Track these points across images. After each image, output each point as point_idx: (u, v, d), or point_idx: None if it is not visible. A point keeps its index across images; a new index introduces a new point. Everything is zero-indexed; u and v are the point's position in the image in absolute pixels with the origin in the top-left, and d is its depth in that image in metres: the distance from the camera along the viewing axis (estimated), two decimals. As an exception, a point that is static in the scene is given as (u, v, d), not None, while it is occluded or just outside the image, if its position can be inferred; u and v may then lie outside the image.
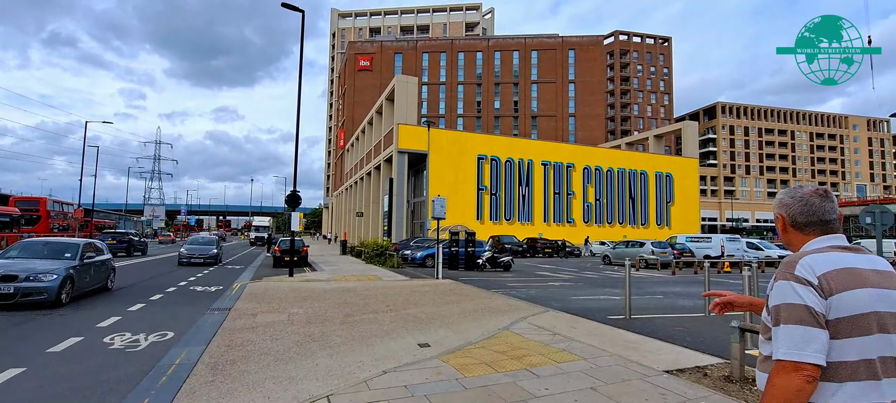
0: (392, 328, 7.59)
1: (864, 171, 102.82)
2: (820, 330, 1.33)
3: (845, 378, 1.34)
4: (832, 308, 1.35)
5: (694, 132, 55.09)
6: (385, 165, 39.41)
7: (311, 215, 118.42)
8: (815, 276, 1.38)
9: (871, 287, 1.38)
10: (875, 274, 1.41)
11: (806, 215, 1.56)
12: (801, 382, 1.30)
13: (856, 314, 1.35)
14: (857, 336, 1.34)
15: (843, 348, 1.35)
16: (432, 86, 77.70)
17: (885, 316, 1.36)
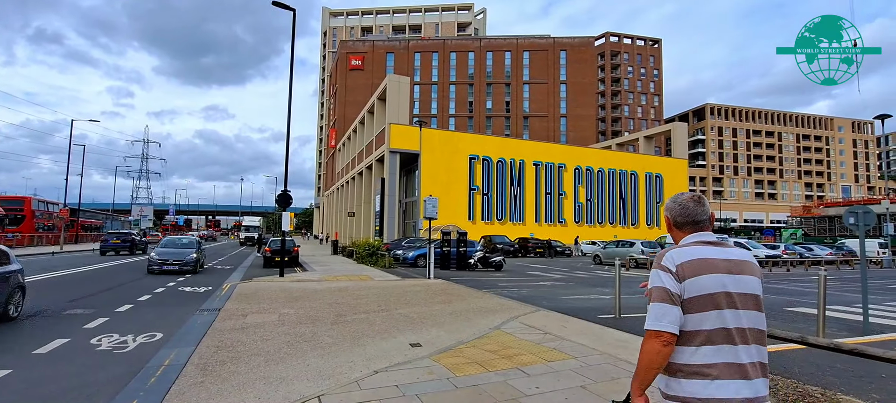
0: (384, 328, 7.59)
1: (849, 172, 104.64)
2: (674, 306, 1.72)
3: (701, 344, 1.72)
4: (686, 290, 1.74)
5: (683, 133, 55.67)
6: (377, 165, 39.32)
7: (302, 215, 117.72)
8: (675, 266, 1.78)
9: (720, 273, 1.75)
10: (726, 263, 1.78)
11: (683, 216, 1.95)
12: (659, 346, 1.70)
13: (704, 294, 1.73)
14: (706, 311, 1.72)
15: (698, 320, 1.72)
16: (424, 86, 77.69)
17: (735, 295, 1.74)
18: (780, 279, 19.43)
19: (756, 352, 1.75)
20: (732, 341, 1.72)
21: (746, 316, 1.76)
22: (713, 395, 1.68)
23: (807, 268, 26.04)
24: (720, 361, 1.70)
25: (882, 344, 7.18)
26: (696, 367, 1.71)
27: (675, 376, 1.76)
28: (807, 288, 15.70)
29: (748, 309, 1.77)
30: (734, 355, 1.71)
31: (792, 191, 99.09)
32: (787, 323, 9.06)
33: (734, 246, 1.88)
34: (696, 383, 1.71)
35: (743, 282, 1.78)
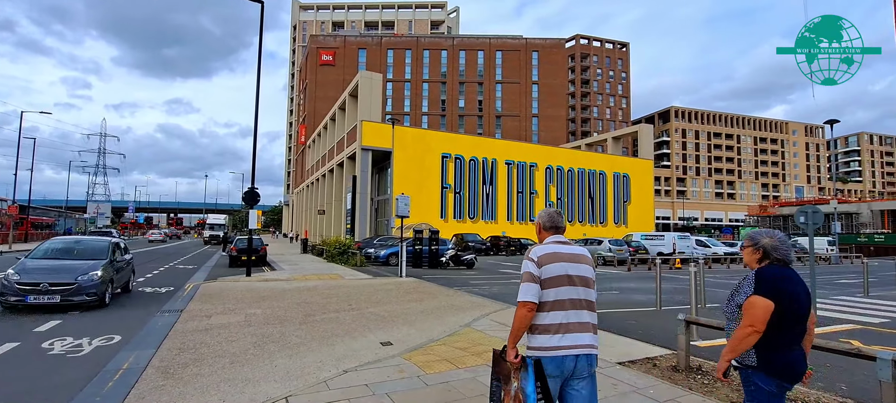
0: (354, 327, 7.53)
1: (802, 174, 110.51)
2: (535, 285, 2.50)
3: (549, 309, 2.50)
4: (543, 273, 2.52)
5: (649, 135, 57.45)
6: (348, 162, 38.85)
7: (270, 213, 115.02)
8: (537, 257, 2.56)
9: (565, 262, 2.56)
10: (569, 255, 2.60)
11: (549, 224, 2.76)
12: (525, 312, 2.48)
13: (554, 276, 2.51)
14: (555, 287, 2.51)
15: (548, 294, 2.50)
16: (397, 84, 77.22)
17: (574, 277, 2.55)
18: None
19: (588, 316, 2.57)
20: (570, 308, 2.53)
21: (581, 291, 2.57)
22: (556, 344, 2.48)
23: (762, 265, 27.32)
24: (562, 322, 2.50)
25: (828, 336, 7.65)
26: (545, 326, 2.51)
27: (533, 333, 2.55)
28: (761, 283, 16.47)
29: (583, 286, 2.58)
30: (571, 317, 2.52)
31: (749, 191, 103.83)
32: (742, 317, 9.51)
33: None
34: (544, 337, 2.51)
35: (580, 269, 2.60)
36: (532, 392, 2.39)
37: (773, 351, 2.49)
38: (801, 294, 2.54)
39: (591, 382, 2.56)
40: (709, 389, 4.67)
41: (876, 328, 8.54)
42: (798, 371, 2.54)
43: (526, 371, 2.45)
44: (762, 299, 2.45)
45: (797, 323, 2.53)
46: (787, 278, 2.53)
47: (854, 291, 14.25)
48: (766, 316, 2.42)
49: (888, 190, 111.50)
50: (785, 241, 2.66)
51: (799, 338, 2.58)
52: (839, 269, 25.50)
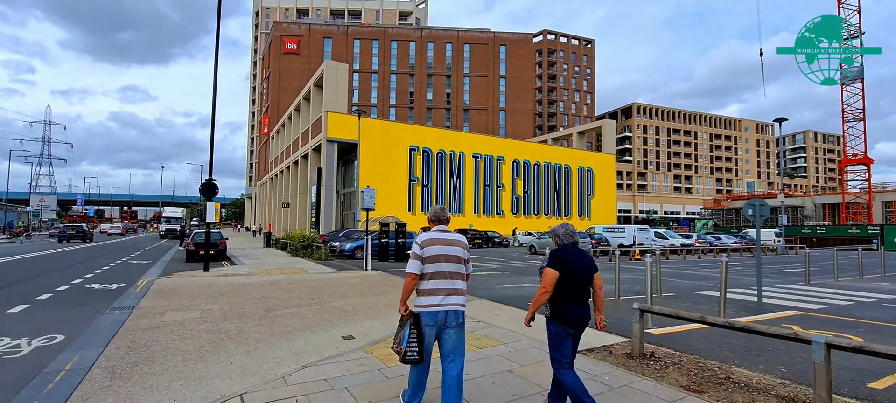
0: (316, 321, 7.40)
1: (753, 169, 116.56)
2: (418, 261, 3.47)
3: (429, 279, 3.49)
4: (424, 253, 3.48)
5: (612, 130, 59.06)
6: (313, 154, 38.03)
7: (232, 205, 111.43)
8: (421, 241, 3.52)
9: (440, 244, 3.53)
10: (445, 240, 3.57)
11: (435, 217, 3.74)
12: (410, 280, 3.47)
13: (433, 255, 3.49)
14: (432, 264, 3.48)
15: (428, 267, 3.48)
16: (364, 74, 76.06)
17: (450, 256, 3.54)
18: (692, 265, 21.29)
19: (459, 283, 3.60)
20: (444, 278, 3.52)
21: (454, 266, 3.57)
22: (432, 303, 3.48)
23: (716, 256, 28.73)
24: (438, 287, 3.50)
25: (771, 322, 8.12)
26: (425, 291, 3.52)
27: (419, 295, 3.55)
28: (714, 273, 17.32)
29: (454, 263, 3.58)
30: (445, 285, 3.52)
31: (705, 186, 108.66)
32: (695, 305, 9.95)
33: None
34: (425, 298, 3.51)
35: (453, 250, 3.59)
36: (406, 337, 3.47)
37: (559, 306, 3.62)
38: (581, 266, 3.63)
39: (458, 330, 3.59)
40: (661, 374, 4.86)
41: (815, 313, 9.12)
42: (578, 320, 3.62)
43: (410, 322, 3.49)
44: (550, 269, 3.57)
45: (577, 286, 3.61)
46: (569, 255, 3.64)
47: (797, 280, 15.17)
48: (553, 281, 3.54)
49: (829, 185, 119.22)
50: (570, 232, 3.81)
51: (581, 298, 3.64)
52: (785, 259, 27.09)
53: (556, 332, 3.63)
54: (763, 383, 4.63)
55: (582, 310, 3.61)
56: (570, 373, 3.60)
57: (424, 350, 3.48)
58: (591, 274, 3.68)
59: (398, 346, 3.54)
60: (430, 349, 3.55)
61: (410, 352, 3.45)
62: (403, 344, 3.47)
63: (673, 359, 5.36)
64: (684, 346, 6.17)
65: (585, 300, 3.64)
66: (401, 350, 3.50)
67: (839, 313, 9.19)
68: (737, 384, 4.59)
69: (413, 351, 3.45)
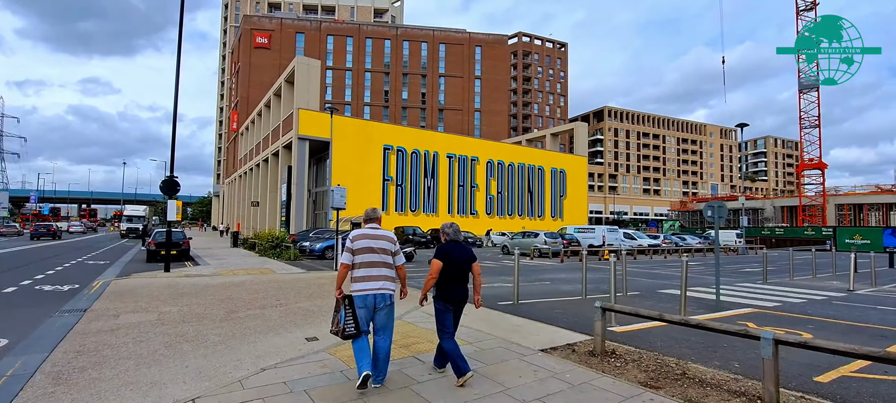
0: (280, 323, 7.23)
1: (718, 172, 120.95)
2: (349, 253, 4.27)
3: (360, 268, 4.25)
4: (354, 247, 4.25)
5: (584, 133, 60.21)
6: (284, 152, 37.25)
7: (198, 204, 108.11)
8: (352, 237, 4.31)
9: (368, 239, 4.28)
10: (373, 235, 4.31)
11: (365, 217, 4.51)
12: (343, 270, 4.30)
13: (362, 248, 4.25)
14: (362, 255, 4.25)
15: (358, 258, 4.25)
16: (337, 72, 75.08)
17: (375, 249, 4.27)
18: (658, 265, 21.90)
19: (385, 271, 4.31)
20: (372, 266, 4.25)
21: (380, 257, 4.28)
22: (363, 288, 4.21)
23: (681, 256, 29.66)
24: (367, 275, 4.23)
25: (727, 319, 8.42)
26: (357, 278, 4.25)
27: (352, 282, 4.26)
28: (679, 272, 17.85)
29: (381, 254, 4.29)
30: (373, 272, 4.25)
31: (672, 188, 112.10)
32: (658, 303, 10.23)
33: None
34: (357, 284, 4.23)
35: (378, 243, 4.31)
36: (343, 317, 4.16)
37: (443, 288, 4.50)
38: (460, 257, 4.55)
39: (387, 310, 4.32)
40: (620, 371, 4.95)
41: (770, 311, 9.51)
42: (457, 299, 4.53)
43: (345, 304, 4.18)
44: (436, 260, 4.48)
45: (457, 273, 4.52)
46: (451, 249, 4.55)
47: (755, 279, 15.81)
48: (438, 270, 4.45)
49: (788, 188, 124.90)
50: (455, 230, 4.77)
51: (461, 282, 4.56)
52: (745, 259, 28.19)
53: (440, 308, 4.52)
54: (717, 378, 4.79)
55: (461, 291, 4.56)
56: (450, 342, 4.51)
57: (360, 326, 4.19)
58: (469, 263, 4.62)
59: (337, 326, 4.18)
60: (367, 325, 4.27)
61: (348, 328, 4.13)
62: (342, 323, 4.13)
63: (633, 356, 5.47)
64: (645, 343, 6.32)
65: (464, 283, 4.60)
66: (340, 328, 4.13)
67: (792, 310, 9.62)
68: (692, 379, 4.72)
69: (350, 327, 4.14)
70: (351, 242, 4.26)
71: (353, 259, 4.24)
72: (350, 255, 4.25)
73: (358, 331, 4.16)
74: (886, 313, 9.44)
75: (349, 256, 4.25)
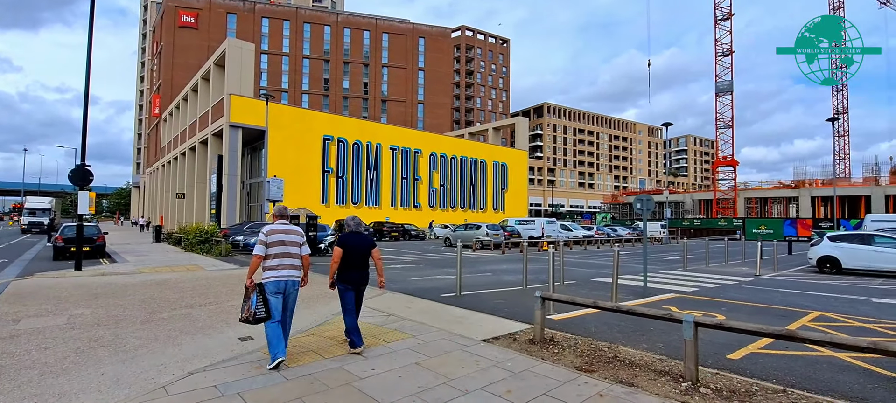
0: (210, 323, 6.78)
1: (645, 168, 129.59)
2: (263, 246, 4.74)
3: (273, 258, 4.75)
4: (268, 240, 4.74)
5: (525, 127, 61.94)
6: (214, 140, 34.98)
7: (116, 196, 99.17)
8: (266, 231, 4.83)
9: (280, 233, 4.82)
10: (284, 230, 4.87)
11: (278, 212, 5.10)
12: (256, 259, 4.74)
13: (274, 241, 4.76)
14: (274, 248, 4.75)
15: (271, 250, 4.74)
16: (273, 57, 71.59)
17: (286, 241, 4.83)
18: (592, 255, 23.09)
19: (295, 261, 4.86)
20: (283, 257, 4.76)
21: (290, 248, 4.83)
22: (275, 275, 4.71)
23: (612, 246, 31.48)
24: (278, 264, 4.74)
25: (654, 304, 9.04)
26: (269, 267, 4.72)
27: (265, 271, 4.72)
28: (610, 261, 18.93)
29: (291, 247, 4.83)
30: (285, 262, 4.77)
31: (605, 182, 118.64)
32: (592, 291, 10.78)
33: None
34: (269, 272, 4.71)
35: (289, 237, 4.86)
36: (254, 302, 4.56)
37: (343, 272, 5.19)
38: (358, 245, 5.25)
39: (295, 294, 4.98)
40: (558, 357, 5.15)
41: (690, 295, 10.34)
42: (355, 281, 5.24)
43: (256, 291, 4.59)
44: (337, 248, 5.21)
45: (356, 259, 5.22)
46: (350, 239, 5.26)
47: (677, 266, 17.13)
48: (339, 257, 5.15)
49: (705, 183, 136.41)
50: (357, 223, 5.47)
51: (359, 267, 5.25)
52: (668, 248, 30.47)
53: (342, 289, 5.23)
54: (644, 359, 5.11)
55: (359, 275, 5.26)
56: (350, 318, 5.24)
57: (271, 310, 4.64)
58: (369, 250, 5.31)
59: (248, 312, 4.55)
60: (278, 309, 4.71)
61: (259, 312, 4.56)
62: (253, 308, 4.53)
63: (570, 342, 5.71)
64: (581, 329, 6.63)
65: (364, 268, 5.31)
66: (251, 313, 4.53)
67: (708, 294, 10.52)
68: (623, 362, 5.01)
69: (261, 312, 4.57)
70: (265, 236, 4.75)
71: (266, 251, 4.72)
72: (264, 247, 4.72)
73: (268, 315, 4.61)
74: (787, 295, 10.59)
75: (263, 248, 4.71)
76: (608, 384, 4.35)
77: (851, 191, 53.07)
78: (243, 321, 4.58)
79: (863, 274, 14.35)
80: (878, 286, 12.10)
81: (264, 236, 4.75)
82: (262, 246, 4.70)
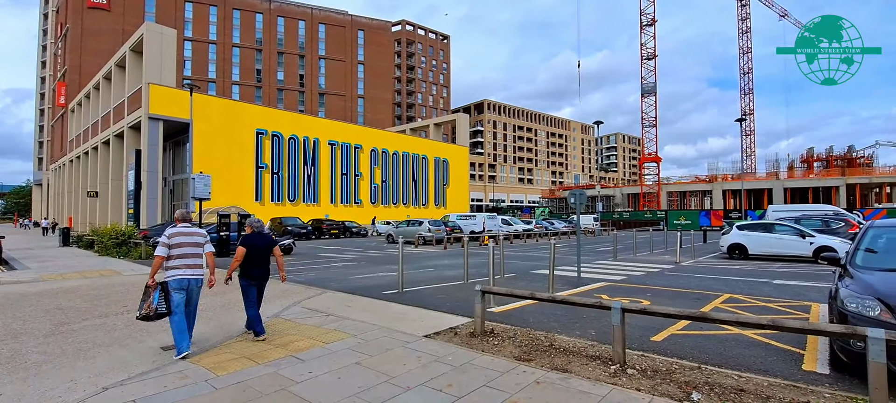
0: (128, 333, 6.22)
1: (579, 164, 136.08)
2: (165, 247, 5.03)
3: (175, 259, 5.06)
4: (170, 241, 5.05)
5: (466, 124, 62.75)
6: (131, 132, 32.13)
7: (14, 195, 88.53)
8: (168, 233, 5.15)
9: (182, 235, 5.18)
10: (186, 232, 5.22)
11: (180, 216, 5.47)
12: (159, 259, 5.03)
13: (176, 242, 5.08)
14: (176, 248, 5.07)
15: (173, 251, 5.04)
16: (199, 44, 67.00)
17: (188, 243, 5.15)
18: (531, 248, 23.88)
19: (198, 260, 5.19)
20: (185, 256, 5.08)
21: (192, 249, 5.15)
22: (178, 274, 5.02)
23: (550, 239, 32.76)
24: (180, 264, 5.05)
25: (587, 293, 9.52)
26: (172, 266, 5.04)
27: (168, 270, 5.04)
28: (548, 254, 19.68)
29: (192, 247, 5.15)
30: (187, 261, 5.09)
31: (543, 177, 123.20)
32: (530, 283, 11.15)
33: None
34: (171, 271, 5.03)
35: (191, 239, 5.18)
36: (156, 299, 4.89)
37: (246, 269, 5.62)
38: (260, 244, 5.71)
39: (198, 290, 5.25)
40: (498, 349, 5.27)
41: (618, 283, 11.00)
42: (257, 277, 5.70)
43: (158, 289, 4.93)
44: (240, 247, 5.61)
45: (258, 258, 5.68)
46: (253, 238, 5.70)
47: (608, 256, 18.16)
48: (242, 255, 5.56)
49: (632, 178, 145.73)
50: (260, 225, 5.90)
51: (261, 264, 5.71)
52: (601, 240, 32.23)
53: (245, 284, 5.66)
54: (578, 346, 5.37)
55: (260, 271, 5.74)
56: (253, 310, 5.73)
57: (173, 306, 4.96)
58: (270, 249, 5.82)
59: (148, 308, 4.86)
60: (181, 306, 5.02)
61: (161, 309, 4.91)
62: (154, 305, 4.86)
63: (509, 334, 5.86)
64: (520, 321, 6.83)
65: (265, 265, 5.80)
66: (152, 309, 4.86)
67: (635, 282, 11.25)
68: (558, 349, 5.22)
69: (163, 308, 4.91)
70: (167, 238, 5.05)
71: (168, 251, 5.02)
72: (166, 249, 5.01)
73: (169, 311, 4.95)
74: (702, 279, 11.58)
75: (165, 249, 5.00)
76: (545, 371, 4.51)
77: (756, 184, 59.08)
78: (142, 318, 4.87)
79: (766, 259, 16.04)
80: (778, 269, 13.57)
81: (166, 238, 5.04)
82: (164, 247, 5.00)
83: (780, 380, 4.30)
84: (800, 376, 4.55)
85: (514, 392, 4.00)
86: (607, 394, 3.94)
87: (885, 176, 54.03)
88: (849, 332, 3.73)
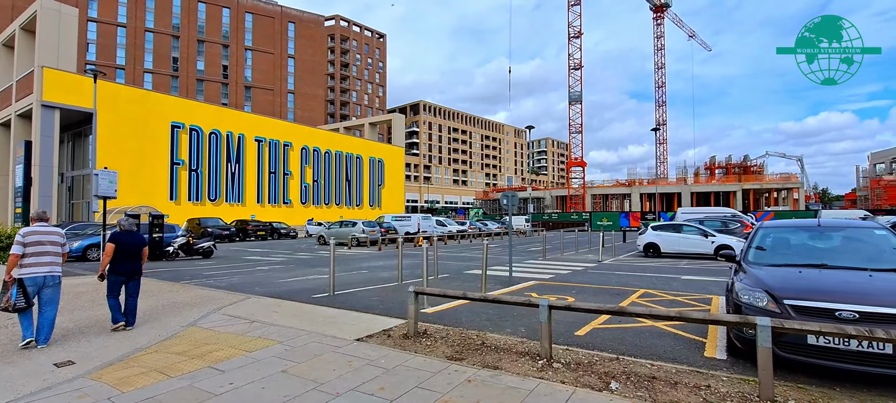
0: (13, 347, 5.45)
1: (512, 167, 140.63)
2: (20, 246, 5.30)
3: (31, 256, 5.33)
4: (25, 240, 5.34)
5: (401, 124, 62.44)
6: (19, 121, 28.35)
7: None
8: (23, 232, 5.41)
9: (38, 234, 5.44)
10: (43, 231, 5.50)
11: (36, 216, 5.76)
12: (14, 258, 5.24)
13: (32, 241, 5.38)
14: (32, 247, 5.36)
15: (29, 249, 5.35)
16: (105, 27, 60.73)
17: (45, 241, 5.45)
18: (465, 248, 24.25)
19: (53, 259, 5.49)
20: (41, 255, 5.38)
21: (49, 247, 5.47)
22: (32, 272, 5.31)
23: (483, 239, 33.50)
24: (36, 261, 5.34)
25: (517, 292, 9.83)
26: (27, 264, 5.29)
27: (21, 267, 5.28)
28: (481, 254, 20.10)
29: (49, 245, 5.46)
30: (43, 259, 5.39)
31: (477, 179, 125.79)
32: (464, 283, 11.31)
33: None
34: (27, 268, 5.28)
35: (47, 237, 5.46)
36: (14, 294, 5.16)
37: (116, 265, 6.04)
38: (130, 242, 6.18)
39: (55, 288, 5.49)
40: (430, 349, 5.27)
41: (547, 282, 11.48)
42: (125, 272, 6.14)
43: (15, 284, 5.18)
44: (109, 244, 6.01)
45: (127, 255, 6.13)
46: (124, 236, 6.15)
47: (538, 256, 18.92)
48: (111, 252, 5.96)
49: (560, 181, 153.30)
50: (131, 224, 6.37)
51: (129, 260, 6.16)
52: (531, 240, 33.50)
53: (113, 279, 6.09)
54: (508, 343, 5.52)
55: (129, 267, 6.18)
56: (113, 299, 6.15)
57: (29, 300, 5.29)
58: (140, 248, 6.34)
59: (7, 302, 5.15)
60: (33, 300, 5.37)
61: (19, 303, 5.20)
62: (13, 299, 5.17)
63: (442, 334, 5.89)
64: (453, 321, 6.89)
65: (136, 262, 6.26)
66: (10, 303, 5.15)
67: (562, 280, 11.82)
68: (490, 347, 5.33)
69: (21, 302, 5.22)
70: (22, 237, 5.30)
71: (24, 249, 5.27)
72: (21, 247, 5.27)
73: (28, 305, 5.27)
74: (621, 276, 12.42)
75: (20, 248, 5.26)
76: (476, 369, 4.58)
77: (668, 189, 64.61)
78: (2, 310, 5.18)
79: (675, 257, 17.57)
80: (685, 266, 14.92)
81: (22, 237, 5.30)
82: (20, 245, 5.26)
83: (686, 367, 4.72)
84: (702, 362, 5.02)
85: (445, 392, 4.02)
86: (535, 388, 4.08)
87: (773, 182, 61.55)
88: (742, 321, 4.18)
